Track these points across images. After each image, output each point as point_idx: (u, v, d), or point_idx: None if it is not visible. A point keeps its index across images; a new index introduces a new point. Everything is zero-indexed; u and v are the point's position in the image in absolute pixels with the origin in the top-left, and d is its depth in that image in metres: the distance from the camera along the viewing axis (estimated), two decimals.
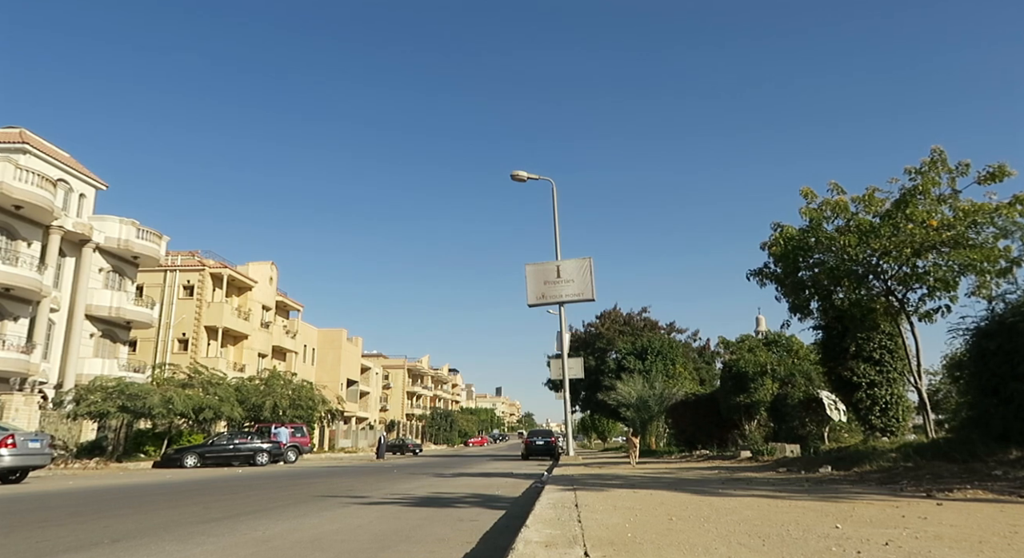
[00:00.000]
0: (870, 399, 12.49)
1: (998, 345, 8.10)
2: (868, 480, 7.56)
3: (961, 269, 10.57)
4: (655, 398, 25.99)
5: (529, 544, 3.34)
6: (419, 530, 5.35)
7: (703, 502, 5.49)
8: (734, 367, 18.36)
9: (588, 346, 37.85)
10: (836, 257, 11.51)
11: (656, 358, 32.20)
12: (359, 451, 45.20)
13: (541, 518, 4.45)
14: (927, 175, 10.77)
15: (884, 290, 11.76)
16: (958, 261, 10.45)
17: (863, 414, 12.72)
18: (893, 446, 10.12)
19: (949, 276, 10.66)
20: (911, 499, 5.37)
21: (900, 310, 11.73)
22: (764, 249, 12.63)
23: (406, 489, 10.15)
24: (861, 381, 12.52)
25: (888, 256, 10.94)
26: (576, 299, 19.80)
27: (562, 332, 20.92)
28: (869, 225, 11.07)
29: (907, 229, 10.56)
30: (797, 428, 16.29)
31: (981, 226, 10.43)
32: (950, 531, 3.58)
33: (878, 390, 12.47)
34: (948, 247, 10.57)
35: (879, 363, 12.59)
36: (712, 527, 3.93)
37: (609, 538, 3.52)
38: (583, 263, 19.87)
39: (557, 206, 20.84)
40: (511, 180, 20.95)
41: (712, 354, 37.15)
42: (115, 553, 4.51)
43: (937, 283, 10.73)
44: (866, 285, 11.82)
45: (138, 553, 4.51)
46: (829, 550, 3.08)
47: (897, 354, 12.50)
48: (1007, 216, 10.23)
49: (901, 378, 12.51)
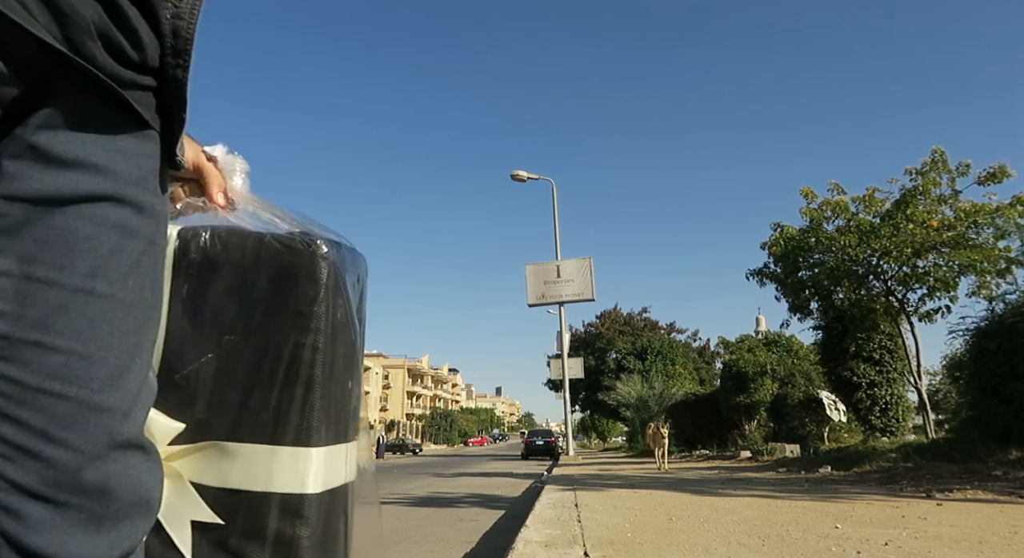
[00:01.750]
0: (870, 399, 12.47)
1: (998, 345, 8.09)
2: (868, 480, 7.55)
3: (961, 269, 10.56)
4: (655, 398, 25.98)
5: (529, 544, 3.34)
6: (419, 530, 5.34)
7: (703, 502, 5.49)
8: (734, 367, 18.35)
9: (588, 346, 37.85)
10: (836, 257, 11.50)
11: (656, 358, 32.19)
12: None
13: (541, 518, 4.45)
14: (927, 175, 10.76)
15: (884, 290, 11.75)
16: (958, 261, 10.45)
17: (863, 414, 12.71)
18: (893, 446, 10.12)
19: (949, 276, 10.66)
20: (911, 499, 5.37)
21: (900, 310, 11.73)
22: (764, 249, 12.63)
23: (406, 489, 10.15)
24: (861, 381, 12.50)
25: (888, 256, 10.93)
26: (576, 299, 19.80)
27: (562, 332, 20.93)
28: (869, 225, 11.07)
29: (907, 229, 10.56)
30: (797, 428, 16.27)
31: (981, 226, 10.44)
32: (950, 531, 3.58)
33: (878, 390, 12.45)
34: (948, 247, 10.57)
35: (879, 363, 12.58)
36: (712, 527, 3.93)
37: (609, 538, 3.52)
38: (583, 263, 19.87)
39: (557, 206, 20.84)
40: (511, 180, 20.96)
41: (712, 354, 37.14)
42: None
43: (937, 283, 10.73)
44: (866, 285, 11.82)
45: None
46: (829, 550, 3.08)
47: (897, 354, 12.50)
48: (1007, 217, 10.23)
49: (901, 378, 12.50)
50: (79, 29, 0.52)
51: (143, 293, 0.60)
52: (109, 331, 0.57)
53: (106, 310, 0.56)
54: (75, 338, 0.55)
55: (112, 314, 0.57)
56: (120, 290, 0.58)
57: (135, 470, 0.59)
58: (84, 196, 0.55)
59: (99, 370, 0.56)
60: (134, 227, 0.59)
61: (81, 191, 0.55)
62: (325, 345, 0.76)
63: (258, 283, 0.76)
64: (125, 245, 0.58)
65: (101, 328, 0.56)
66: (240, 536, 0.73)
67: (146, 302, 0.61)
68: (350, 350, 0.80)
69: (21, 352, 0.53)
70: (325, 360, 0.76)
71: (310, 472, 0.75)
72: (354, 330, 0.81)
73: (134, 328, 0.59)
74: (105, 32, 0.54)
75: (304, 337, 0.75)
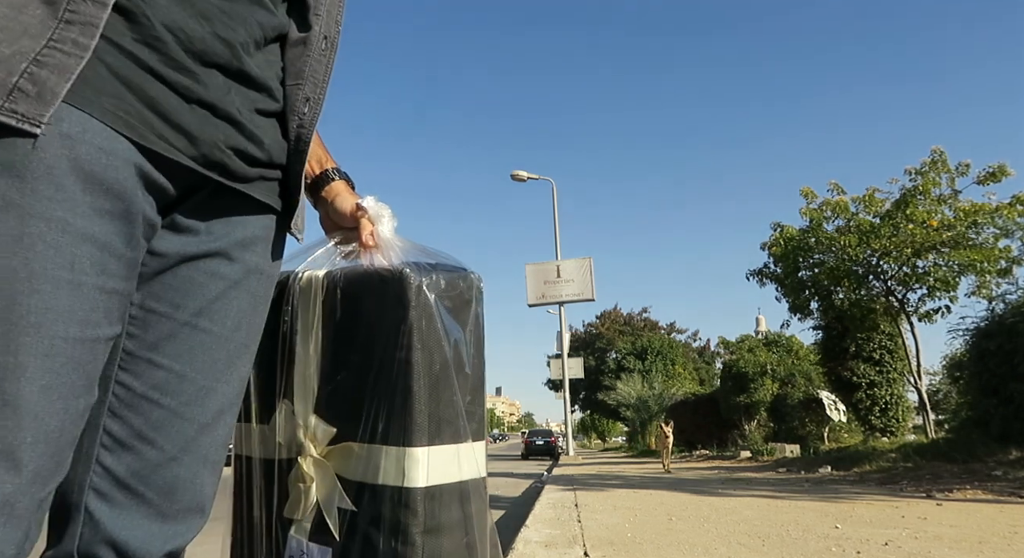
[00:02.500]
0: (870, 399, 12.48)
1: (998, 345, 8.09)
2: (868, 480, 7.56)
3: (961, 269, 10.56)
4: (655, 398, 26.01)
5: (529, 544, 3.34)
6: None
7: (703, 502, 5.49)
8: (734, 367, 18.35)
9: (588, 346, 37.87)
10: (836, 257, 11.50)
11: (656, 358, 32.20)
12: None
13: (541, 518, 4.45)
14: (927, 175, 10.76)
15: (884, 290, 11.75)
16: (958, 261, 10.45)
17: (863, 414, 12.71)
18: (893, 446, 10.12)
19: (949, 276, 10.65)
20: (911, 499, 5.37)
21: (900, 310, 11.73)
22: (764, 249, 12.62)
23: None
24: (861, 381, 12.51)
25: (888, 256, 10.93)
26: (576, 299, 19.78)
27: (562, 332, 20.92)
28: (869, 225, 11.07)
29: (907, 229, 10.56)
30: (797, 428, 16.28)
31: (981, 226, 10.44)
32: (950, 531, 3.58)
33: (878, 390, 12.46)
34: (948, 247, 10.57)
35: (879, 363, 12.58)
36: (712, 527, 3.93)
37: (609, 538, 3.52)
38: (583, 263, 19.85)
39: (557, 206, 20.83)
40: (511, 180, 20.94)
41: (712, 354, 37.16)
42: None
43: (937, 283, 10.72)
44: (866, 285, 11.81)
45: None
46: (829, 550, 3.08)
47: (897, 354, 12.49)
48: (1007, 216, 10.23)
49: (901, 378, 12.51)
50: (210, 146, 0.68)
51: (238, 332, 0.76)
52: (203, 358, 0.72)
53: (204, 341, 0.72)
54: (175, 360, 0.70)
55: (207, 345, 0.72)
56: (218, 327, 0.73)
57: (199, 479, 0.72)
58: (202, 254, 0.73)
59: (188, 387, 0.71)
60: (236, 279, 0.75)
61: (200, 251, 0.72)
62: (418, 359, 0.88)
63: (370, 310, 0.93)
64: (227, 293, 0.74)
65: (196, 355, 0.72)
66: (366, 522, 0.88)
67: (239, 340, 0.76)
68: (445, 363, 0.91)
69: (136, 365, 0.69)
70: (419, 372, 0.88)
71: (415, 469, 0.87)
72: (449, 345, 0.92)
73: (224, 358, 0.74)
74: (234, 145, 0.71)
75: (399, 353, 0.88)
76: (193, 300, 0.72)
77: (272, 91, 0.77)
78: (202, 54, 0.67)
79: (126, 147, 0.61)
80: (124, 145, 0.61)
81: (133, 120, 0.62)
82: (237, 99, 0.71)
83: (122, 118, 0.61)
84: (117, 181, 0.60)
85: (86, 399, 0.60)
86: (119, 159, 0.60)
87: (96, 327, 0.60)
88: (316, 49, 0.83)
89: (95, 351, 0.60)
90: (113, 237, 0.60)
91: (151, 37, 0.63)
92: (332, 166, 0.97)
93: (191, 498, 0.71)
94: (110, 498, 0.67)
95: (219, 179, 0.71)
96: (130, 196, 0.62)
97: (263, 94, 0.76)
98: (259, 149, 0.74)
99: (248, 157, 0.73)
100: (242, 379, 0.78)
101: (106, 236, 0.60)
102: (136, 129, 0.62)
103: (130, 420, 0.68)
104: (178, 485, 0.70)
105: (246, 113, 0.72)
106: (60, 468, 0.59)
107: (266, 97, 0.76)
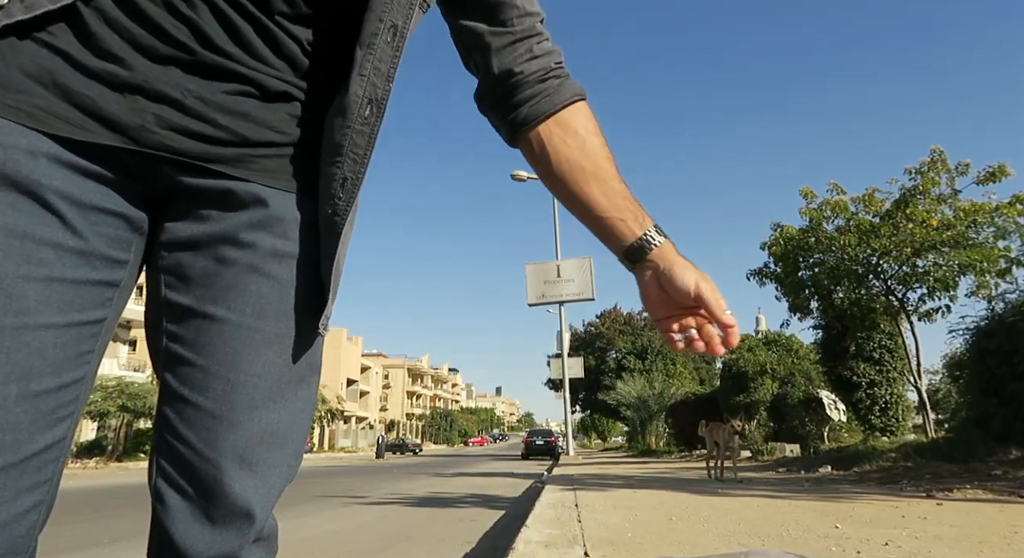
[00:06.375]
0: (870, 399, 12.47)
1: (998, 345, 8.09)
2: (868, 480, 7.56)
3: (961, 269, 10.55)
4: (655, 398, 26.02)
5: (529, 544, 3.34)
6: (419, 530, 5.35)
7: (703, 502, 5.49)
8: (734, 367, 18.34)
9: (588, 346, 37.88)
10: (836, 257, 11.50)
11: (656, 358, 32.22)
12: (359, 451, 45.21)
13: (541, 518, 4.45)
14: (927, 175, 10.76)
15: (884, 290, 11.75)
16: (958, 261, 10.45)
17: (863, 414, 12.71)
18: (893, 446, 10.13)
19: (949, 276, 10.65)
20: (911, 499, 5.37)
21: (900, 310, 11.72)
22: (764, 249, 12.61)
23: (406, 489, 10.15)
24: (861, 381, 12.50)
25: (888, 256, 10.93)
26: (576, 299, 19.78)
27: (562, 332, 20.93)
28: (869, 225, 11.07)
29: (907, 229, 10.56)
30: (797, 428, 16.28)
31: (981, 226, 10.44)
32: (950, 531, 3.58)
33: (878, 390, 12.45)
34: (948, 247, 10.57)
35: (879, 363, 12.57)
36: (712, 527, 3.93)
37: (609, 538, 3.52)
38: (583, 263, 19.85)
39: (557, 206, 20.81)
40: (511, 180, 20.94)
41: None
42: (115, 553, 4.51)
43: (937, 283, 10.72)
44: (866, 285, 11.81)
45: (138, 553, 4.50)
46: (829, 550, 3.08)
47: (897, 354, 12.49)
48: (1007, 216, 10.23)
49: (901, 378, 12.51)
50: (137, 127, 0.67)
51: (261, 321, 0.72)
52: (223, 349, 0.70)
53: (222, 332, 0.70)
54: (199, 353, 0.70)
55: (226, 335, 0.70)
56: (236, 315, 0.71)
57: (236, 481, 0.69)
58: (203, 239, 0.71)
59: (214, 381, 0.69)
60: (251, 264, 0.72)
61: (197, 235, 0.71)
62: None
63: None
64: (241, 279, 0.72)
65: (217, 347, 0.70)
66: None
67: (265, 329, 0.72)
68: None
69: (170, 360, 0.71)
70: None
71: None
72: None
73: (247, 349, 0.71)
74: (175, 124, 0.68)
75: None
76: (204, 289, 0.70)
77: (254, 79, 0.72)
78: (150, 49, 0.67)
79: (34, 138, 0.62)
80: (29, 137, 0.62)
81: (40, 112, 0.63)
82: (191, 85, 0.68)
83: (25, 111, 0.62)
84: (19, 173, 0.61)
85: (19, 386, 0.59)
86: (20, 151, 0.61)
87: (24, 315, 0.60)
88: (357, 118, 0.73)
89: (22, 339, 0.60)
90: (34, 227, 0.61)
91: (85, 33, 0.65)
92: (651, 223, 0.83)
93: (232, 501, 0.68)
94: (164, 496, 0.69)
95: (168, 156, 0.68)
96: (44, 185, 0.62)
97: (238, 82, 0.71)
98: (212, 127, 0.69)
99: (197, 135, 0.69)
100: (281, 373, 0.72)
101: (23, 226, 0.60)
102: (41, 119, 0.63)
103: (170, 418, 0.69)
104: (214, 486, 0.68)
105: (194, 95, 0.69)
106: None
107: (245, 84, 0.71)
